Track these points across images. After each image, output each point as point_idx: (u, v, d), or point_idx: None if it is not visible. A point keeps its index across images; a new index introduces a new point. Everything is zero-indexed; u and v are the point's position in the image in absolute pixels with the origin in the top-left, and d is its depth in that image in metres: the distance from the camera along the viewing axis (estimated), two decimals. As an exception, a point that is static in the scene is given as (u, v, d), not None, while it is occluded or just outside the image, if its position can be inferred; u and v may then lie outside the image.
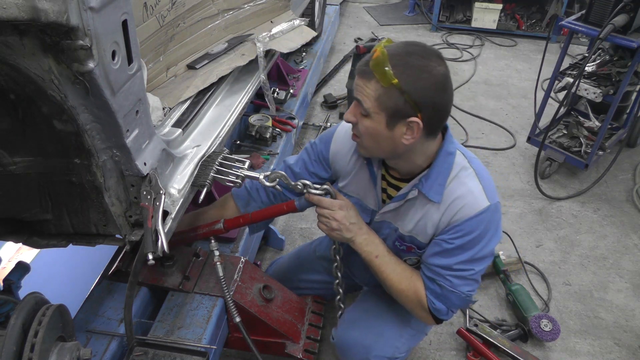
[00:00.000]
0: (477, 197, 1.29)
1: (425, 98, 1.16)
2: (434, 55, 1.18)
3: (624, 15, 2.48)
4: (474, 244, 1.31)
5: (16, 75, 0.92)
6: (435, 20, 5.33)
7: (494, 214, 1.31)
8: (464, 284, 1.35)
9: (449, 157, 1.32)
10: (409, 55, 1.16)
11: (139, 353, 1.38)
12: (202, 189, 1.50)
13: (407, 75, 1.14)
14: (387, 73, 1.14)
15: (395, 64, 1.14)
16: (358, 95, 1.23)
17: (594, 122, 3.01)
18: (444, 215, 1.33)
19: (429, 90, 1.16)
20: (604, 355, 2.12)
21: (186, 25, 1.87)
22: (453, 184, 1.31)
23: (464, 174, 1.32)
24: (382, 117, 1.20)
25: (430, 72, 1.15)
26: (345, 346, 1.60)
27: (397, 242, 1.47)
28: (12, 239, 1.35)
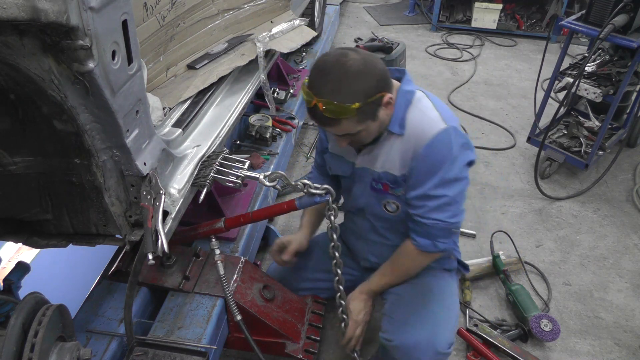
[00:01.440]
0: (433, 121, 1.41)
1: (372, 83, 1.30)
2: (338, 55, 1.30)
3: (624, 15, 2.48)
4: (438, 167, 1.40)
5: (16, 75, 0.92)
6: (435, 20, 5.33)
7: (452, 135, 1.40)
8: (440, 212, 1.44)
9: (408, 94, 1.46)
10: (330, 76, 1.28)
11: (139, 353, 1.38)
12: (202, 189, 1.50)
13: (349, 92, 1.27)
14: (342, 110, 1.27)
15: (335, 95, 1.26)
16: (336, 133, 1.40)
17: (594, 122, 3.01)
18: (408, 143, 1.43)
19: (369, 76, 1.29)
20: (604, 355, 2.12)
21: (186, 25, 1.87)
22: (411, 114, 1.44)
23: (420, 104, 1.45)
24: (368, 122, 1.36)
25: (353, 68, 1.27)
26: (409, 347, 1.56)
27: (374, 182, 1.57)
28: (12, 239, 1.35)
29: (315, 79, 1.31)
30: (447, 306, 1.65)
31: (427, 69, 4.54)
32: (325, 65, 1.30)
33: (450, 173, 1.40)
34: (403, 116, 1.44)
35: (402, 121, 1.44)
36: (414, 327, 1.58)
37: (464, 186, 1.46)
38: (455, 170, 1.41)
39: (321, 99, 1.27)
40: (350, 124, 1.33)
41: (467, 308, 2.23)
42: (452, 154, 1.39)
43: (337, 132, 1.39)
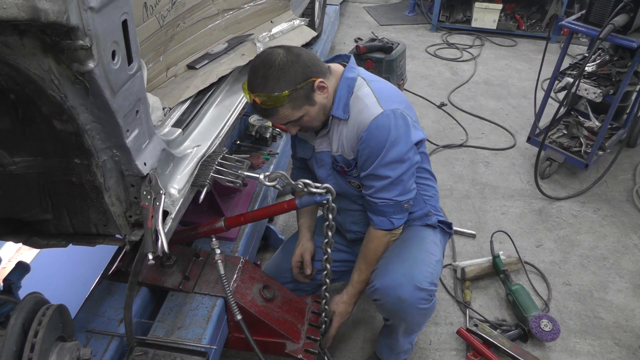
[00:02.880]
0: (370, 107, 1.50)
1: (298, 71, 1.43)
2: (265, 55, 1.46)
3: (624, 15, 2.48)
4: (379, 150, 1.50)
5: (16, 75, 0.92)
6: (435, 20, 5.34)
7: (390, 119, 1.49)
8: (387, 192, 1.56)
9: (349, 81, 1.56)
10: (259, 72, 1.43)
11: (139, 353, 1.38)
12: (202, 189, 1.50)
13: (277, 83, 1.41)
14: (274, 100, 1.42)
15: (265, 88, 1.42)
16: (281, 122, 1.53)
17: (594, 122, 3.01)
18: (352, 128, 1.54)
19: (294, 65, 1.42)
20: (604, 355, 2.12)
21: (186, 25, 1.87)
22: (353, 102, 1.54)
23: (360, 92, 1.54)
24: (305, 107, 1.49)
25: (277, 61, 1.41)
26: (388, 284, 1.58)
27: (334, 164, 1.68)
28: (12, 239, 1.35)
29: (249, 78, 1.46)
30: (426, 249, 1.70)
31: (427, 69, 4.54)
32: (255, 65, 1.46)
33: (391, 155, 1.50)
34: (346, 102, 1.55)
35: (345, 107, 1.55)
36: (393, 267, 1.63)
37: (409, 166, 1.55)
38: (396, 152, 1.50)
39: (255, 93, 1.43)
40: (287, 111, 1.46)
41: (467, 308, 2.23)
42: (390, 137, 1.49)
43: (280, 121, 1.52)
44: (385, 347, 1.89)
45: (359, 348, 2.09)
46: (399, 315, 1.63)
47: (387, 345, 1.88)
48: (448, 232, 1.87)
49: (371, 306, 2.26)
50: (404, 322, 1.67)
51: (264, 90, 1.42)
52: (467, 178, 3.17)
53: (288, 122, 1.53)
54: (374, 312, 2.24)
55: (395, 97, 1.57)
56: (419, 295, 1.55)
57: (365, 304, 2.27)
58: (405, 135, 1.51)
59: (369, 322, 2.20)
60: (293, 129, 1.58)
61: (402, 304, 1.56)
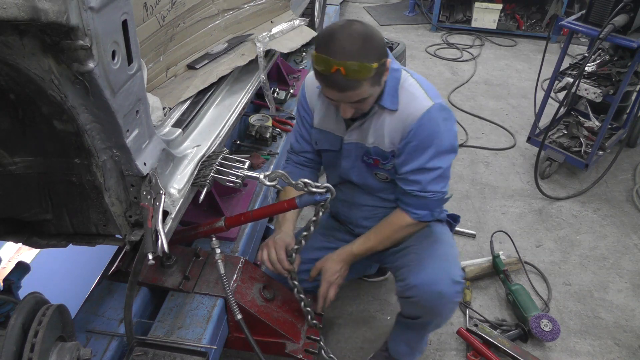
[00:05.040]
0: (419, 99, 1.49)
1: (382, 44, 1.36)
2: (343, 23, 1.35)
3: (624, 15, 2.48)
4: (430, 141, 1.49)
5: (16, 75, 0.92)
6: (435, 20, 5.33)
7: (439, 111, 1.49)
8: (435, 183, 1.54)
9: (396, 72, 1.52)
10: (345, 41, 1.30)
11: (139, 353, 1.38)
12: (202, 189, 1.50)
13: (366, 52, 1.30)
14: (365, 70, 1.30)
15: (354, 56, 1.29)
16: (352, 99, 1.39)
17: (594, 122, 3.01)
18: (398, 120, 1.50)
19: (377, 37, 1.35)
20: (604, 355, 2.12)
21: (186, 25, 1.87)
22: (401, 93, 1.51)
23: (408, 83, 1.52)
24: (377, 87, 1.41)
25: (363, 31, 1.32)
26: (427, 282, 1.57)
27: (365, 157, 1.64)
28: (12, 239, 1.35)
29: (329, 46, 1.30)
30: (450, 244, 1.73)
31: (427, 69, 4.54)
32: (336, 33, 1.32)
33: (443, 145, 1.50)
34: (394, 93, 1.51)
35: (393, 98, 1.51)
36: (428, 265, 1.62)
37: (453, 157, 1.56)
38: (447, 142, 1.51)
39: (342, 62, 1.28)
40: (367, 87, 1.35)
41: (467, 308, 2.23)
42: (440, 128, 1.49)
43: (354, 98, 1.38)
44: (404, 347, 1.87)
45: (359, 348, 2.08)
46: (435, 311, 1.61)
47: (407, 345, 1.86)
48: (453, 224, 1.89)
49: (371, 306, 2.26)
50: (438, 317, 1.66)
51: (353, 59, 1.28)
52: (467, 178, 3.17)
53: (355, 101, 1.41)
54: (374, 312, 2.24)
55: (436, 90, 1.57)
56: (455, 289, 1.57)
57: (365, 304, 2.27)
58: (452, 127, 1.53)
59: (369, 322, 2.20)
60: (350, 111, 1.45)
61: (442, 299, 1.56)
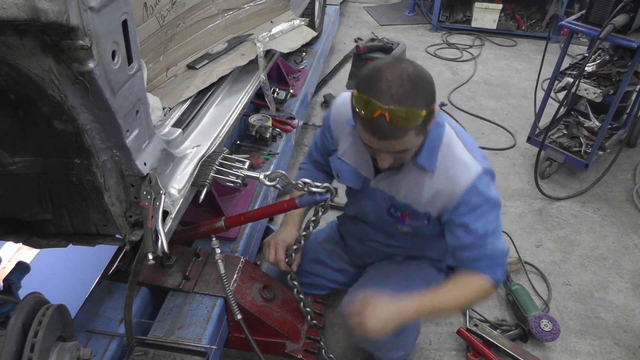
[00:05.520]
0: (468, 165, 1.35)
1: (432, 89, 1.20)
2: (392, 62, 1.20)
3: (624, 15, 2.48)
4: (486, 207, 1.38)
5: (16, 75, 0.92)
6: (435, 20, 5.33)
7: (487, 175, 1.37)
8: (498, 241, 1.44)
9: (440, 128, 1.37)
10: (393, 83, 1.14)
11: (139, 353, 1.38)
12: (202, 189, 1.51)
13: (415, 97, 1.14)
14: (413, 117, 1.14)
15: (403, 101, 1.13)
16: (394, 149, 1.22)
17: (594, 122, 3.01)
18: (440, 184, 1.36)
19: (426, 80, 1.19)
20: (604, 355, 2.12)
21: (186, 25, 1.87)
22: (444, 154, 1.36)
23: (454, 144, 1.37)
24: (421, 136, 1.25)
25: (414, 72, 1.17)
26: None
27: (392, 209, 1.52)
28: (12, 239, 1.35)
29: (374, 87, 1.15)
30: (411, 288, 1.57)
31: (427, 69, 4.53)
32: (382, 72, 1.16)
33: (496, 206, 1.41)
34: (435, 152, 1.35)
35: (432, 157, 1.35)
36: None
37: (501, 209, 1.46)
38: (497, 202, 1.41)
39: (388, 107, 1.12)
40: (412, 136, 1.18)
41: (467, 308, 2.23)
42: (492, 193, 1.38)
43: (397, 147, 1.22)
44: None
45: (359, 348, 2.08)
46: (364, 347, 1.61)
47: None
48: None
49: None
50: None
51: (400, 103, 1.12)
52: (467, 178, 3.17)
53: (397, 151, 1.24)
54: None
55: (479, 149, 1.42)
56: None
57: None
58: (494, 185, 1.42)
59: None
60: (389, 161, 1.28)
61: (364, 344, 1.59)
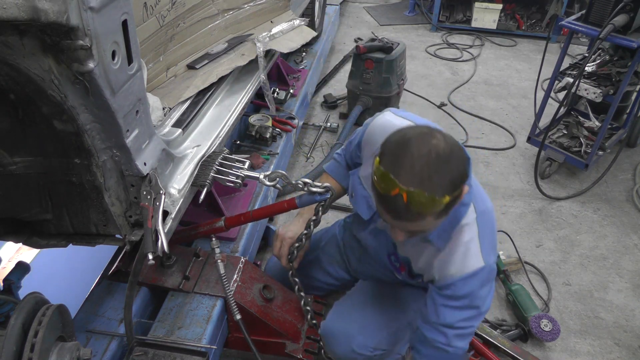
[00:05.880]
0: (472, 256, 1.27)
1: (461, 171, 1.08)
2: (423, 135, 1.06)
3: (624, 15, 2.48)
4: (470, 302, 1.31)
5: (16, 75, 0.92)
6: (435, 20, 5.33)
7: (488, 274, 1.30)
8: (462, 341, 1.36)
9: (462, 208, 1.26)
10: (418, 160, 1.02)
11: (139, 353, 1.38)
12: (202, 189, 1.51)
13: (440, 182, 1.03)
14: (433, 204, 1.03)
15: (425, 185, 1.01)
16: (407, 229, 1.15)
17: (594, 122, 3.01)
18: (439, 263, 1.32)
19: (457, 162, 1.07)
20: (604, 355, 2.12)
21: (186, 25, 1.87)
22: (455, 237, 1.28)
23: (468, 230, 1.28)
24: (443, 218, 1.14)
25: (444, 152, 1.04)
26: (330, 336, 1.62)
27: (392, 257, 1.50)
28: (12, 239, 1.35)
29: (396, 162, 1.03)
30: (393, 319, 1.61)
31: (427, 69, 4.54)
32: (409, 146, 1.04)
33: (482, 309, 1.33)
34: (450, 231, 1.28)
35: (443, 235, 1.28)
36: (343, 320, 1.61)
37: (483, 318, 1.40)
38: (486, 306, 1.34)
39: (407, 188, 1.01)
40: (431, 220, 1.09)
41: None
42: (485, 292, 1.32)
43: (413, 228, 1.14)
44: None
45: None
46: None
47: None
48: None
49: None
50: None
51: (421, 186, 1.01)
52: (467, 178, 3.17)
53: (412, 230, 1.16)
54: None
55: (493, 239, 1.34)
56: (352, 357, 1.56)
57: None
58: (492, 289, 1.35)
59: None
60: (402, 236, 1.20)
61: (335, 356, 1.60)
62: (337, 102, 3.79)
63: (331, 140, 3.40)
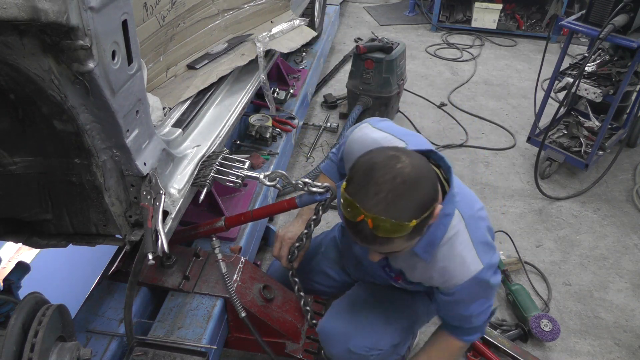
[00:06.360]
0: (470, 263, 1.27)
1: (429, 193, 1.07)
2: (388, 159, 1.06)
3: (624, 15, 2.48)
4: (479, 295, 1.33)
5: (16, 75, 0.92)
6: (435, 20, 5.33)
7: (487, 271, 1.28)
8: (484, 317, 1.41)
9: (445, 219, 1.24)
10: (382, 186, 1.03)
11: (139, 353, 1.38)
12: (202, 189, 1.51)
13: (406, 207, 1.03)
14: (398, 229, 1.04)
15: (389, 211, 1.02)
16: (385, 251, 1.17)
17: (594, 122, 3.01)
18: (434, 274, 1.32)
19: (424, 184, 1.06)
20: (604, 355, 2.12)
21: (186, 25, 1.87)
22: (444, 249, 1.27)
23: (457, 239, 1.27)
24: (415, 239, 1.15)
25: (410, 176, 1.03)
26: (326, 335, 1.62)
27: (387, 268, 1.51)
28: (12, 239, 1.35)
29: (361, 189, 1.04)
30: (391, 320, 1.61)
31: (427, 69, 4.54)
32: (375, 172, 1.04)
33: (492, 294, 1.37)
34: (434, 244, 1.26)
35: (430, 248, 1.26)
36: (340, 320, 1.61)
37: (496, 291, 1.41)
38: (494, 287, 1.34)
39: (372, 215, 1.02)
40: (401, 242, 1.09)
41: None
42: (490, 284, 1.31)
43: (383, 251, 1.17)
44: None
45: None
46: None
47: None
48: None
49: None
50: None
51: (387, 214, 1.02)
52: (467, 178, 3.17)
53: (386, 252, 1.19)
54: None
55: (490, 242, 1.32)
56: (348, 357, 1.57)
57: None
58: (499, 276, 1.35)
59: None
60: (378, 257, 1.22)
61: (332, 356, 1.60)
62: (337, 102, 3.79)
63: (331, 140, 3.40)
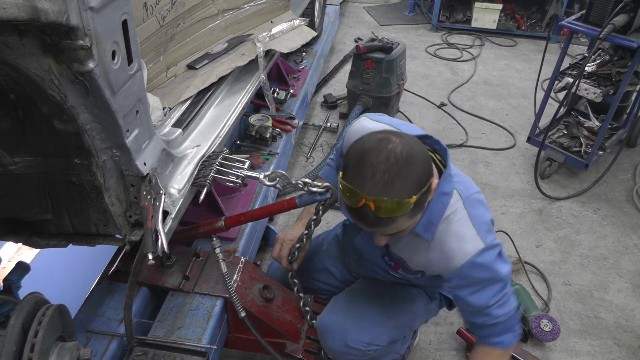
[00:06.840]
0: (467, 242, 1.26)
1: (424, 168, 1.10)
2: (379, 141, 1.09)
3: (624, 15, 2.48)
4: (489, 280, 1.29)
5: (16, 75, 0.92)
6: (435, 20, 5.33)
7: (490, 249, 1.27)
8: (506, 308, 1.34)
9: (444, 197, 1.26)
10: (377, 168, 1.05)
11: (139, 353, 1.38)
12: (202, 189, 1.51)
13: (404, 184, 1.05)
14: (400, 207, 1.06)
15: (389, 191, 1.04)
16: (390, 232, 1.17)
17: (594, 122, 3.01)
18: (436, 256, 1.31)
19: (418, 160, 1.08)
20: (604, 355, 2.12)
21: (186, 25, 1.87)
22: (443, 226, 1.27)
23: (456, 217, 1.27)
24: (418, 215, 1.17)
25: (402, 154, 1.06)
26: (324, 330, 1.62)
27: (386, 257, 1.52)
28: (12, 239, 1.35)
29: (358, 174, 1.07)
30: (389, 316, 1.60)
31: (427, 69, 4.54)
32: (367, 157, 1.07)
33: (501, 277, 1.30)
34: (435, 222, 1.26)
35: (430, 226, 1.27)
36: (338, 315, 1.60)
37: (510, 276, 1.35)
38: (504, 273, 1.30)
39: (373, 197, 1.05)
40: (405, 220, 1.11)
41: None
42: (495, 267, 1.28)
43: (387, 232, 1.17)
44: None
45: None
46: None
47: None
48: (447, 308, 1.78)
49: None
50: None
51: (386, 194, 1.04)
52: (467, 178, 3.17)
53: (390, 234, 1.20)
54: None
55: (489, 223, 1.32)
56: (346, 351, 1.56)
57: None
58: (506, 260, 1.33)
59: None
60: (384, 240, 1.25)
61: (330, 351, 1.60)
62: (337, 102, 3.79)
63: (331, 140, 3.40)
